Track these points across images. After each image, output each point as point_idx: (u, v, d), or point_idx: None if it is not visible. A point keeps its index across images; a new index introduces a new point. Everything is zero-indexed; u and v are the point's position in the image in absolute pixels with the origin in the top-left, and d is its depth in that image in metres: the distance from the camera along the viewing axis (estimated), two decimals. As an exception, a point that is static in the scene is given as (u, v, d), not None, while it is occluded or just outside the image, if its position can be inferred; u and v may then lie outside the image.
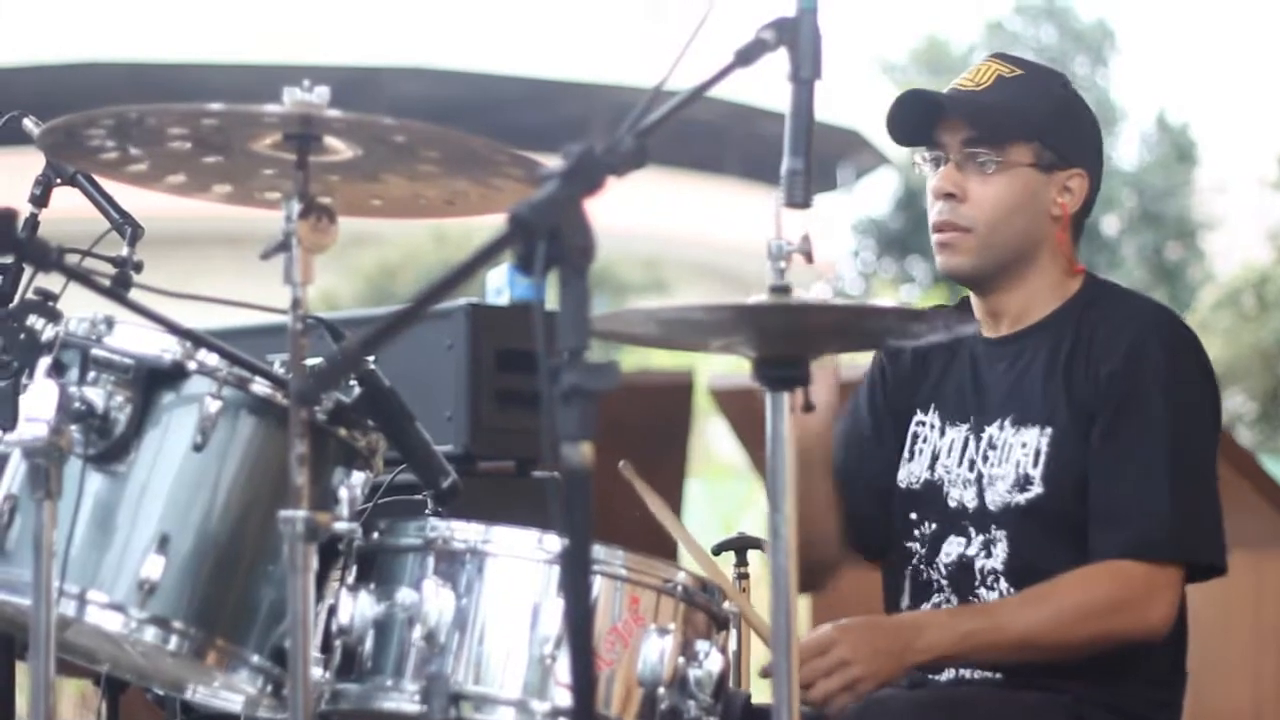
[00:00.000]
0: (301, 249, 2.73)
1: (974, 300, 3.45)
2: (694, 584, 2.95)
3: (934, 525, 3.39)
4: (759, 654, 2.96)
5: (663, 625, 2.90)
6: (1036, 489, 3.28)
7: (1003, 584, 3.31)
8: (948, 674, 3.32)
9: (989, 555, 3.32)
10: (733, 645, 3.09)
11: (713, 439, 18.31)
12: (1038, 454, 3.30)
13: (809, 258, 2.90)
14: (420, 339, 4.05)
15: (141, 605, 2.85)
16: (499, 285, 4.47)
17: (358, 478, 2.96)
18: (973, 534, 3.34)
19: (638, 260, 27.98)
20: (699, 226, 33.95)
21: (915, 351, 3.51)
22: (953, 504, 3.37)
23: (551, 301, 2.29)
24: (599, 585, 2.87)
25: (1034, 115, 3.37)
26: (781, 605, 2.66)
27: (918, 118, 3.39)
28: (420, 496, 3.15)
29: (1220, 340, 19.78)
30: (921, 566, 3.41)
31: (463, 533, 2.91)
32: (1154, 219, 32.72)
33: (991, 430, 3.37)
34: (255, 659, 2.89)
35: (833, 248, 31.12)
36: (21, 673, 3.45)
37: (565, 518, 2.20)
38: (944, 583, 3.37)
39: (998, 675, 3.29)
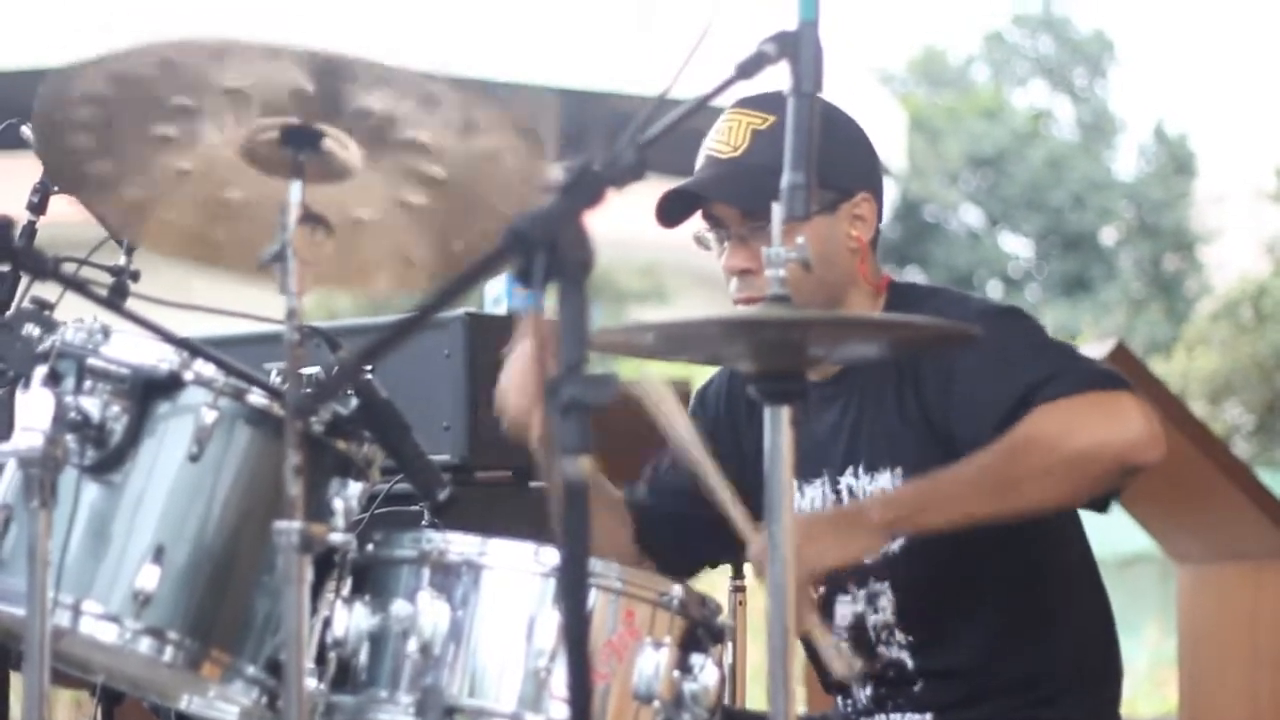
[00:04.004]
0: (297, 259, 2.72)
1: None
2: (689, 597, 2.94)
3: (820, 589, 3.27)
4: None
5: (658, 639, 2.89)
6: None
7: (898, 636, 3.24)
8: (878, 719, 3.27)
9: (876, 610, 3.24)
10: (728, 658, 3.07)
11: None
12: None
13: (807, 266, 2.88)
14: (418, 348, 4.04)
15: (136, 616, 2.83)
16: (497, 295, 4.46)
17: (354, 488, 2.94)
18: (854, 590, 3.25)
19: (636, 268, 27.95)
20: (697, 235, 33.90)
21: (733, 406, 3.42)
22: None
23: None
24: (594, 598, 2.86)
25: None
26: (778, 617, 2.65)
27: (685, 204, 3.28)
28: (416, 508, 3.14)
29: (1217, 352, 19.76)
30: None
31: (459, 545, 2.90)
32: (1151, 230, 32.72)
33: (847, 480, 3.26)
34: (250, 670, 2.88)
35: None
36: (17, 682, 3.44)
37: (563, 530, 2.19)
38: (845, 646, 3.25)
39: (927, 717, 3.24)
